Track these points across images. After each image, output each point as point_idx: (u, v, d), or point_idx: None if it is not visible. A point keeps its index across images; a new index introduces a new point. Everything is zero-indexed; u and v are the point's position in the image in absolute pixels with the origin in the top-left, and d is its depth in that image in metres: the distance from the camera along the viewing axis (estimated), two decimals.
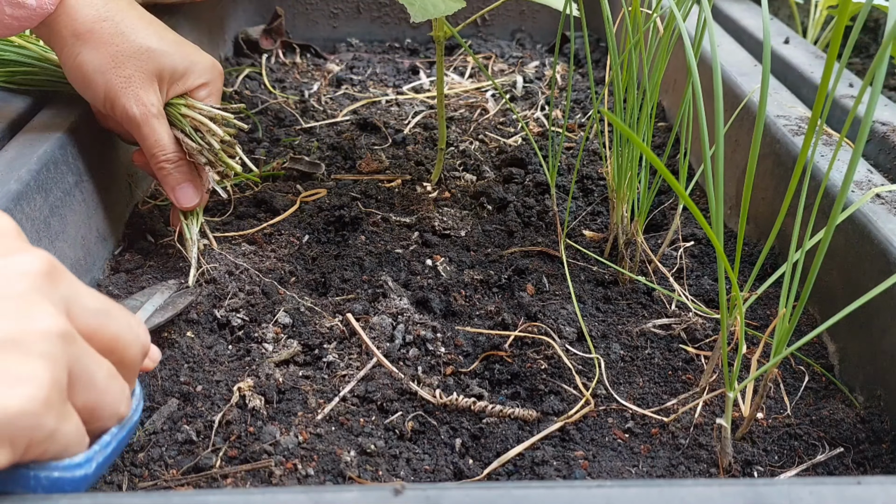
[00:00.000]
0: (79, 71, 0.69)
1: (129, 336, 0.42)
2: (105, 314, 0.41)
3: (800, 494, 0.37)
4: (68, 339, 0.37)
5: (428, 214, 0.85)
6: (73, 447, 0.38)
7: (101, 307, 0.41)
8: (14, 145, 0.69)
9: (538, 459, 0.55)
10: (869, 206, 0.64)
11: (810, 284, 0.51)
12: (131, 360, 0.43)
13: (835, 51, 0.41)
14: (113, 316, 0.41)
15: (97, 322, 0.40)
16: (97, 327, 0.40)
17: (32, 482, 0.37)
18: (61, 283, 0.39)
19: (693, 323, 0.68)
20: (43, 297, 0.37)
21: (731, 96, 0.89)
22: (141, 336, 0.44)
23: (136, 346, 0.43)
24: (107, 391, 0.40)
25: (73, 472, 0.39)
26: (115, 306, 0.42)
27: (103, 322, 0.41)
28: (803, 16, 1.27)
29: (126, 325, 0.42)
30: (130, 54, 0.69)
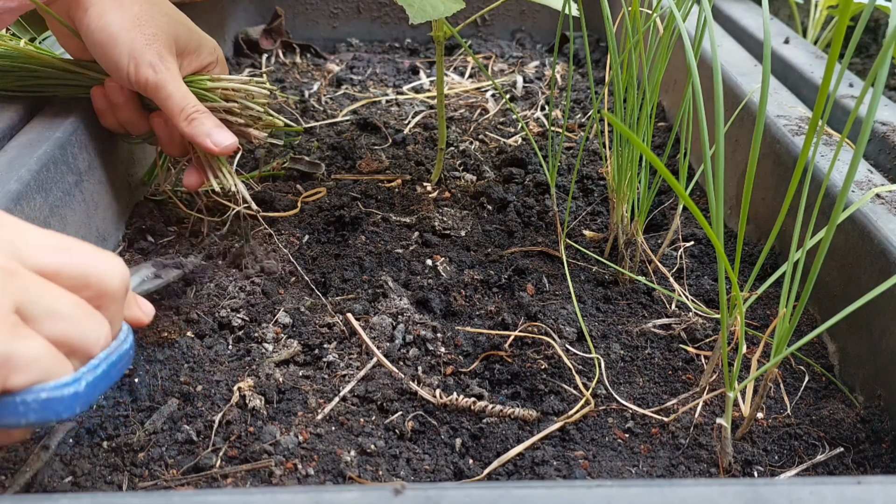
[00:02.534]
0: (104, 32, 0.70)
1: (102, 268, 0.43)
2: (64, 250, 0.42)
3: (800, 494, 0.37)
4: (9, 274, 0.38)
5: (428, 214, 0.85)
6: (49, 369, 0.39)
7: (57, 244, 0.42)
8: (14, 145, 0.69)
9: (538, 459, 0.55)
10: (869, 206, 0.64)
11: (810, 284, 0.51)
12: (111, 292, 0.43)
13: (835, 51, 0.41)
14: (75, 251, 0.42)
15: (57, 259, 0.41)
16: (59, 264, 0.41)
17: (21, 407, 0.38)
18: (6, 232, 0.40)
19: (693, 323, 0.68)
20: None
21: (731, 96, 0.89)
22: (117, 268, 0.44)
23: (112, 278, 0.43)
24: (75, 321, 0.41)
25: (62, 390, 0.39)
26: (79, 243, 0.43)
27: (64, 259, 0.41)
28: (803, 16, 1.27)
29: (93, 258, 0.43)
30: (152, 15, 0.71)
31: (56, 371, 0.39)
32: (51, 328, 0.39)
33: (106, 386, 0.43)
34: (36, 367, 0.38)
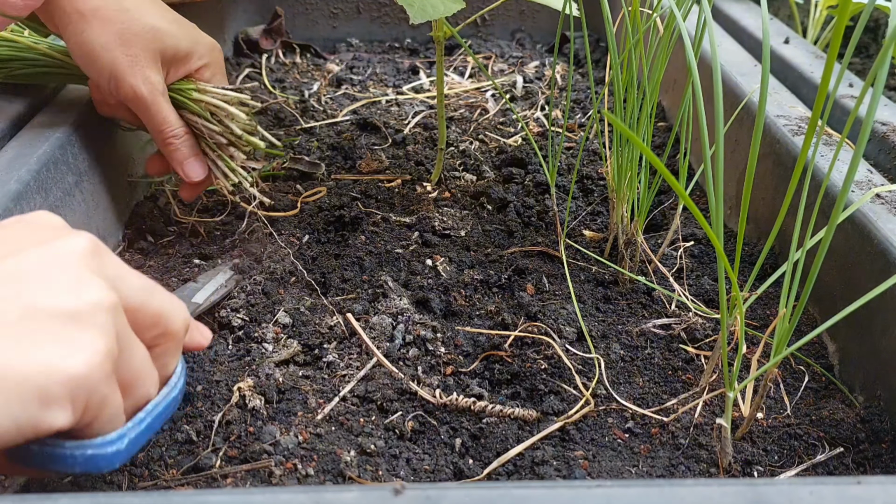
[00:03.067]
0: (84, 48, 0.69)
1: (172, 311, 0.46)
2: (149, 291, 0.44)
3: (800, 494, 0.37)
4: (117, 312, 0.40)
5: (428, 214, 0.85)
6: (116, 420, 0.41)
7: (144, 284, 0.44)
8: (14, 145, 0.69)
9: (538, 459, 0.55)
10: (869, 206, 0.64)
11: (810, 284, 0.51)
12: (175, 332, 0.46)
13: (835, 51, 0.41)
14: (155, 293, 0.45)
15: (142, 298, 0.44)
16: (141, 303, 0.43)
17: (69, 461, 0.40)
18: (107, 262, 0.42)
19: (693, 323, 0.68)
20: (93, 273, 0.40)
21: (731, 96, 0.89)
22: (181, 312, 0.47)
23: (178, 320, 0.46)
24: (142, 367, 0.43)
25: (106, 448, 0.41)
26: (156, 284, 0.46)
27: (147, 298, 0.44)
28: (803, 16, 1.27)
29: (168, 300, 0.46)
30: (136, 32, 0.70)
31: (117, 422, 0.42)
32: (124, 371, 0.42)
33: (149, 437, 0.45)
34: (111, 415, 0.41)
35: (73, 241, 0.41)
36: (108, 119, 0.82)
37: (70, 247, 0.40)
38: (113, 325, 0.39)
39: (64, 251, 0.40)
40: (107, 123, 0.82)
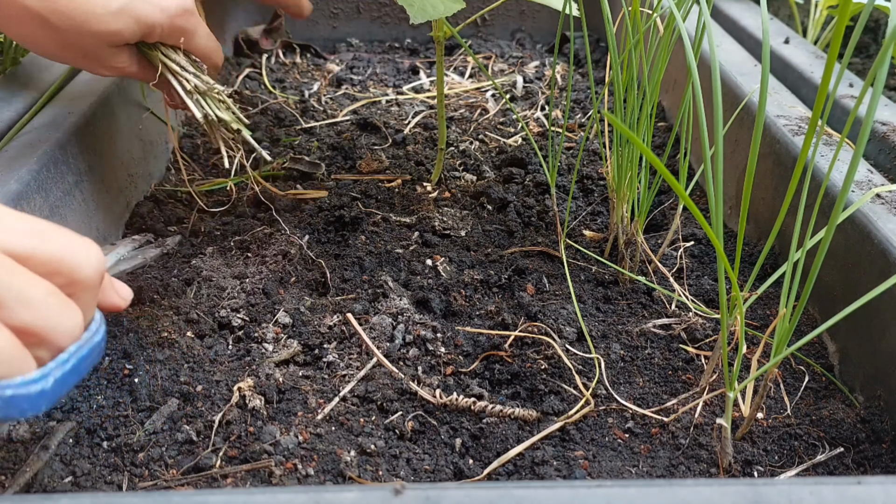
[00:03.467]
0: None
1: (77, 255, 0.41)
2: (37, 235, 0.40)
3: (800, 494, 0.37)
4: None
5: (428, 214, 0.85)
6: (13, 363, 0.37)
7: (29, 228, 0.40)
8: (14, 145, 0.69)
9: (538, 459, 0.55)
10: (869, 206, 0.64)
11: (810, 284, 0.51)
12: (84, 279, 0.42)
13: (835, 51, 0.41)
14: (48, 237, 0.41)
15: (29, 244, 0.40)
16: (30, 249, 0.40)
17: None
18: None
19: (693, 323, 0.68)
20: None
21: (731, 96, 0.89)
22: (92, 255, 0.43)
23: (85, 266, 0.42)
24: (47, 310, 0.39)
25: (28, 388, 0.38)
26: (53, 228, 0.41)
27: (36, 244, 0.40)
28: (803, 16, 1.27)
29: (68, 244, 0.41)
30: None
31: (20, 366, 0.38)
32: (21, 316, 0.38)
33: (75, 381, 0.42)
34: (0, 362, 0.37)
35: None
36: (108, 119, 0.82)
37: None
38: None
39: None
40: (107, 123, 0.82)
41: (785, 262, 0.54)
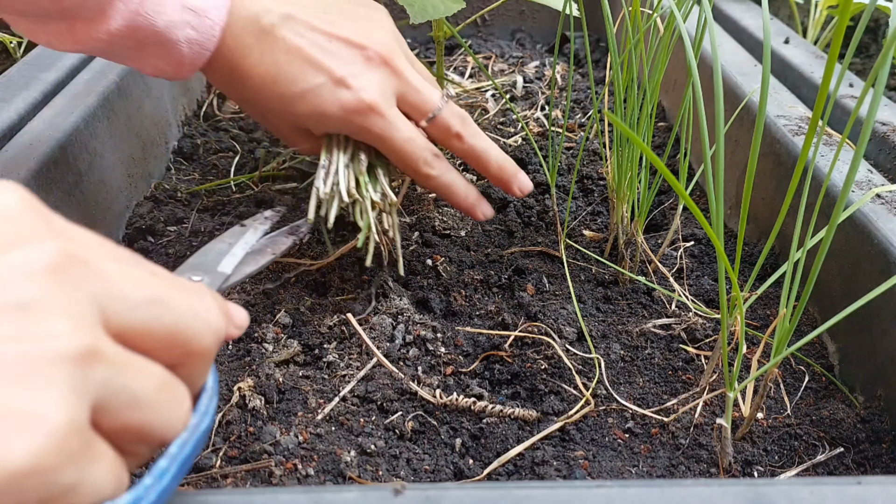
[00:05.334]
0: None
1: (193, 325, 0.34)
2: (157, 304, 0.32)
3: (800, 494, 0.37)
4: (91, 360, 0.28)
5: (428, 214, 0.85)
6: (103, 494, 0.30)
7: (149, 296, 0.32)
8: (14, 145, 0.69)
9: (538, 459, 0.55)
10: (869, 206, 0.64)
11: (811, 284, 0.51)
12: (201, 351, 0.35)
13: (835, 51, 0.41)
14: (167, 305, 0.33)
15: (147, 316, 0.32)
16: (148, 322, 0.32)
17: None
18: (86, 278, 0.29)
19: (693, 323, 0.68)
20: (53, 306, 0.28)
21: (732, 96, 0.89)
22: (211, 320, 0.35)
23: (205, 335, 0.34)
24: (156, 406, 0.32)
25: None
26: (171, 290, 0.33)
27: (155, 315, 0.32)
28: (803, 16, 1.27)
29: (185, 311, 0.34)
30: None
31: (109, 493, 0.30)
32: (126, 416, 0.31)
33: (173, 488, 0.34)
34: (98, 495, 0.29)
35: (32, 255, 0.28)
36: (109, 119, 0.82)
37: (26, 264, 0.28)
38: (85, 380, 0.28)
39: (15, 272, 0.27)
40: (107, 123, 0.82)
41: (785, 262, 0.54)
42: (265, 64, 0.61)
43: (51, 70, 0.85)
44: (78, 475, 0.28)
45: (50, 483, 0.26)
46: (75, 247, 0.29)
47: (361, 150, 0.64)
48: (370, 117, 0.61)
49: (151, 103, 0.95)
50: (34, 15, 0.56)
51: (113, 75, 0.87)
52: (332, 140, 0.65)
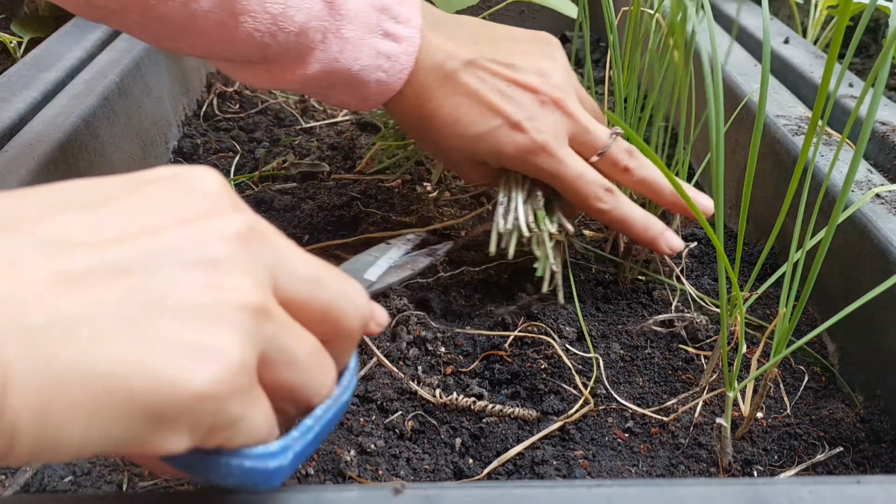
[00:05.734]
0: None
1: (344, 305, 0.38)
2: (317, 281, 0.37)
3: (799, 494, 0.37)
4: (263, 316, 0.32)
5: (428, 214, 0.85)
6: (259, 435, 0.34)
7: (312, 273, 0.36)
8: (14, 145, 0.69)
9: (538, 459, 0.55)
10: (869, 206, 0.64)
11: (810, 284, 0.51)
12: (347, 330, 0.39)
13: (835, 51, 0.41)
14: (324, 283, 0.37)
15: (308, 290, 0.36)
16: (308, 296, 0.36)
17: (224, 469, 0.34)
18: (264, 249, 0.34)
19: (693, 322, 0.68)
20: (238, 265, 0.32)
21: (732, 96, 0.89)
22: (359, 304, 0.39)
23: (352, 316, 0.39)
24: (308, 369, 0.36)
25: (266, 462, 0.35)
26: (328, 272, 0.38)
27: (314, 290, 0.36)
28: (803, 16, 1.27)
29: (339, 292, 0.38)
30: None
31: (261, 437, 0.34)
32: (282, 374, 0.35)
33: (314, 449, 0.38)
34: (254, 434, 0.33)
35: (225, 223, 0.33)
36: (109, 119, 0.82)
37: (220, 230, 0.32)
38: (257, 331, 0.32)
39: (211, 235, 0.32)
40: (107, 123, 0.82)
41: (785, 262, 0.54)
42: (447, 107, 0.66)
43: (51, 70, 0.85)
44: (242, 410, 0.32)
45: (220, 411, 0.30)
46: (257, 222, 0.34)
47: (538, 187, 0.69)
48: (542, 157, 0.65)
49: (151, 103, 0.95)
50: (237, 61, 0.63)
51: (113, 75, 0.87)
52: (510, 178, 0.69)
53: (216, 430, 0.31)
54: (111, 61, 0.91)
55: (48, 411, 0.27)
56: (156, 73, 0.99)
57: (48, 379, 0.26)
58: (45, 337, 0.26)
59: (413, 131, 0.72)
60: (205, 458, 0.33)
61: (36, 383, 0.26)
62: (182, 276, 0.30)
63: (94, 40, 0.95)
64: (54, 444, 0.27)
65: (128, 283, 0.29)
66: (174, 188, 0.33)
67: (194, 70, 1.14)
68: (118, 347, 0.28)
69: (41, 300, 0.27)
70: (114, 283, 0.29)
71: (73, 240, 0.29)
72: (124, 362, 0.28)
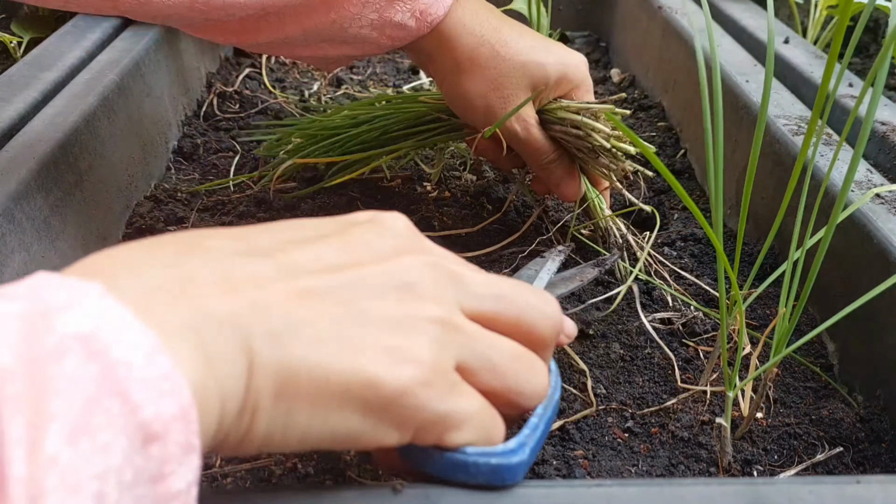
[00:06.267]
0: (461, 98, 0.73)
1: (532, 316, 0.42)
2: (500, 298, 0.42)
3: (799, 493, 0.37)
4: (451, 327, 0.38)
5: (428, 214, 0.85)
6: (485, 427, 0.39)
7: (494, 292, 0.42)
8: (14, 145, 0.69)
9: (538, 459, 0.55)
10: (869, 205, 0.64)
11: (810, 284, 0.51)
12: (539, 339, 0.43)
13: (836, 51, 0.41)
14: (509, 299, 0.42)
15: (494, 306, 0.41)
16: (495, 311, 0.41)
17: (472, 469, 0.38)
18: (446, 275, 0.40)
19: (693, 322, 0.68)
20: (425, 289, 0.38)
21: (731, 96, 0.89)
22: (548, 313, 0.43)
23: (542, 326, 0.43)
24: (513, 373, 0.40)
25: (510, 458, 0.39)
26: (512, 288, 0.43)
27: (500, 306, 0.41)
28: (803, 15, 1.27)
29: (526, 305, 0.42)
30: (507, 74, 0.72)
31: (493, 431, 0.39)
32: (489, 380, 0.39)
33: (541, 446, 0.42)
34: (471, 426, 0.38)
35: (413, 257, 0.39)
36: (108, 119, 0.82)
37: (410, 262, 0.39)
38: (446, 339, 0.37)
39: (403, 266, 0.39)
40: (107, 123, 0.82)
41: (784, 262, 0.54)
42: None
43: (51, 70, 0.85)
44: (445, 407, 0.36)
45: (420, 407, 0.35)
46: (439, 258, 0.41)
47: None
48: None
49: (151, 103, 0.95)
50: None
51: (113, 75, 0.87)
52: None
53: (425, 426, 0.36)
54: (111, 61, 0.91)
55: (282, 394, 0.33)
56: (156, 72, 0.99)
57: (283, 368, 0.32)
58: (282, 336, 0.33)
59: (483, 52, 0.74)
60: (452, 459, 0.38)
61: (274, 370, 0.32)
62: (382, 296, 0.37)
63: (94, 40, 0.95)
64: (283, 426, 0.33)
65: (341, 300, 0.35)
66: (372, 229, 0.41)
67: (194, 70, 1.14)
68: (335, 349, 0.34)
69: (279, 308, 0.33)
70: (330, 300, 0.35)
71: (300, 267, 0.36)
72: (340, 361, 0.34)
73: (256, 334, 0.32)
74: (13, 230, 0.61)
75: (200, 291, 0.32)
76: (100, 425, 0.25)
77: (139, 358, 0.27)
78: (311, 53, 0.72)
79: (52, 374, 0.25)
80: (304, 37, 0.68)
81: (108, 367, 0.26)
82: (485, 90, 0.72)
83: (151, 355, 0.28)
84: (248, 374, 0.32)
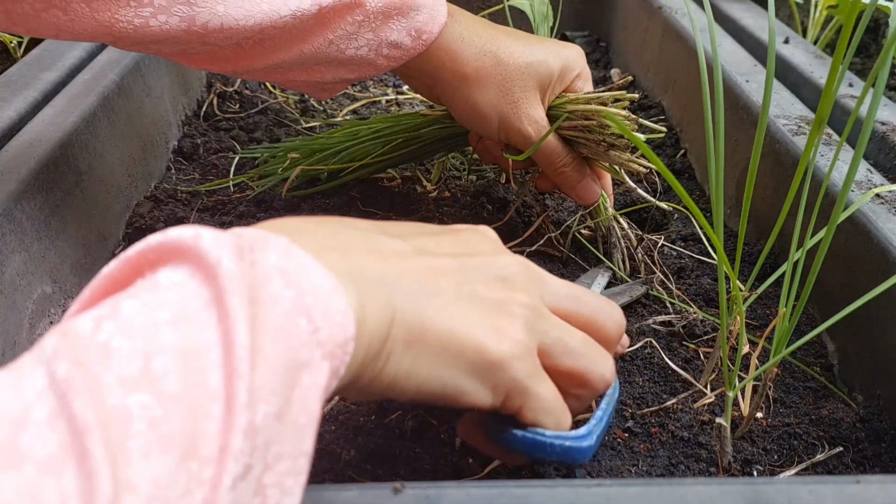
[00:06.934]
0: (473, 111, 0.73)
1: (602, 317, 0.49)
2: (576, 298, 0.48)
3: (799, 493, 0.37)
4: (538, 314, 0.45)
5: (428, 214, 0.85)
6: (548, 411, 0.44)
7: (571, 293, 0.49)
8: (14, 145, 0.70)
9: None
10: (869, 205, 0.64)
11: (810, 284, 0.51)
12: (606, 337, 0.49)
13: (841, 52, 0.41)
14: (584, 300, 0.49)
15: (571, 304, 0.48)
16: (572, 309, 0.48)
17: (548, 448, 0.44)
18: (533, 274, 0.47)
19: (693, 322, 0.68)
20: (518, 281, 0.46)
21: (731, 96, 0.89)
22: (615, 316, 0.50)
23: (610, 325, 0.49)
24: (585, 356, 0.46)
25: (580, 442, 0.45)
26: (585, 292, 0.50)
27: (576, 305, 0.48)
28: (803, 16, 1.27)
29: (597, 308, 0.49)
30: (513, 78, 0.72)
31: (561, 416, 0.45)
32: (566, 362, 0.46)
33: (605, 434, 0.49)
34: (546, 409, 0.44)
35: (507, 257, 0.47)
36: (108, 119, 0.82)
37: (505, 261, 0.46)
38: (534, 322, 0.44)
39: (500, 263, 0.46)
40: (107, 123, 0.82)
41: (785, 262, 0.54)
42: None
43: (51, 70, 0.85)
44: (529, 383, 0.43)
45: (512, 378, 0.42)
46: (526, 260, 0.48)
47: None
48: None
49: (151, 103, 0.95)
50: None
51: (113, 75, 0.87)
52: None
53: (512, 395, 0.43)
54: (111, 61, 0.91)
55: (412, 344, 0.40)
56: (156, 72, 0.99)
57: (417, 323, 0.40)
58: (418, 298, 0.41)
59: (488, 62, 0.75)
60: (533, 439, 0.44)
61: (409, 324, 0.39)
62: (486, 282, 0.44)
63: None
64: (406, 374, 0.40)
65: (459, 280, 0.43)
66: (474, 234, 0.49)
67: (194, 70, 1.14)
68: (459, 318, 0.41)
69: (416, 276, 0.41)
70: (452, 278, 0.43)
71: (427, 250, 0.45)
72: (461, 328, 0.41)
73: (399, 293, 0.39)
74: (13, 230, 0.61)
75: (358, 254, 0.40)
76: (291, 332, 0.32)
77: (323, 291, 0.35)
78: (306, 77, 0.71)
79: (261, 288, 0.33)
80: (300, 60, 0.68)
81: (301, 293, 0.34)
82: (495, 98, 0.72)
83: (330, 294, 0.35)
84: (390, 323, 0.38)
